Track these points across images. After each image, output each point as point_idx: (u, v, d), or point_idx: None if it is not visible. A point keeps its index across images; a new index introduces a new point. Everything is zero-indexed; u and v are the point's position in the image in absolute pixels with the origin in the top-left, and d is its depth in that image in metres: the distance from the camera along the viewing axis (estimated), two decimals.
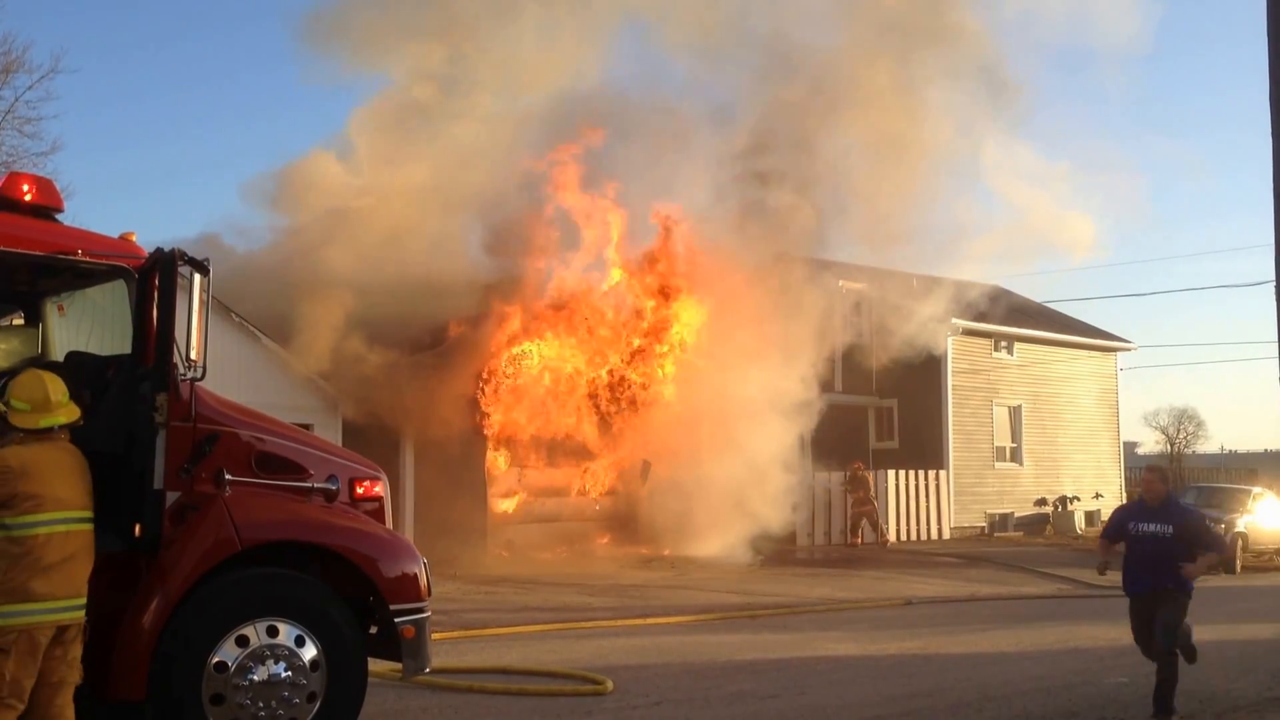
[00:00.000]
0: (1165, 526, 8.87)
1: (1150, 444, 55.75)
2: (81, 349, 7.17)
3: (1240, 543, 24.31)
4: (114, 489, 6.45)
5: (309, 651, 6.48)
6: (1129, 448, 42.69)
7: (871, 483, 26.08)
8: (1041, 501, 30.56)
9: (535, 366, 20.96)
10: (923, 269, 27.82)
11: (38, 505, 5.51)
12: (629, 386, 21.84)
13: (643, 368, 21.93)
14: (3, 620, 5.41)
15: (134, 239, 6.86)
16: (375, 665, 7.08)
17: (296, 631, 6.46)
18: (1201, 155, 64.63)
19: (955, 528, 28.49)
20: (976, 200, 37.11)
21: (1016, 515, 30.10)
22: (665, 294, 22.13)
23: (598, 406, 21.68)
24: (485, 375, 20.21)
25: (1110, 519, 9.75)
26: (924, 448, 29.01)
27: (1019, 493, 30.54)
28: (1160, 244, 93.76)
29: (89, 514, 5.78)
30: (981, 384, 30.29)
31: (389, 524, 7.48)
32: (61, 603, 5.57)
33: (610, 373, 21.79)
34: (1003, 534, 29.31)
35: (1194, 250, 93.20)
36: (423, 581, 7.09)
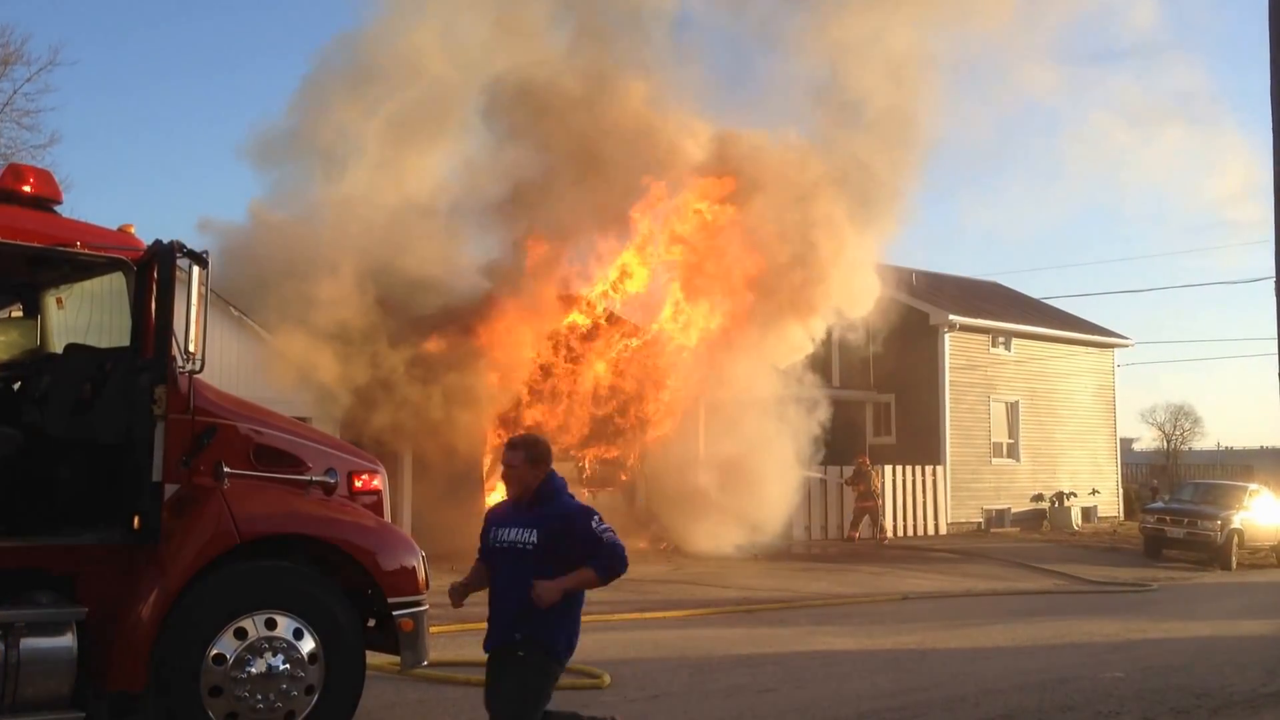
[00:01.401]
0: (529, 532, 5.67)
1: (1147, 440, 55.90)
2: (80, 341, 7.17)
3: (1236, 539, 24.39)
4: (113, 481, 6.46)
5: (307, 644, 6.49)
6: (1126, 444, 42.74)
7: (876, 479, 26.08)
8: (1038, 497, 30.59)
9: (552, 361, 20.95)
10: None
11: None
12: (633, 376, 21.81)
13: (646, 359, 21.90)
14: None
15: (132, 231, 6.86)
16: (373, 658, 7.09)
17: (295, 624, 6.47)
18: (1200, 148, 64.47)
19: (952, 523, 28.52)
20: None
21: (1013, 511, 30.14)
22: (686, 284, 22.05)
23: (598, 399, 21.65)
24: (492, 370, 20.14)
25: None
26: (921, 443, 29.04)
27: (1016, 488, 30.58)
28: (1159, 240, 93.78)
29: None
30: (979, 380, 30.32)
31: (387, 517, 7.50)
32: None
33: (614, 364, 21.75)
34: (999, 529, 29.35)
35: (1192, 246, 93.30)
36: (421, 574, 7.10)
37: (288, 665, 6.39)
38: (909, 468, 27.77)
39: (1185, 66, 45.65)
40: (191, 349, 6.21)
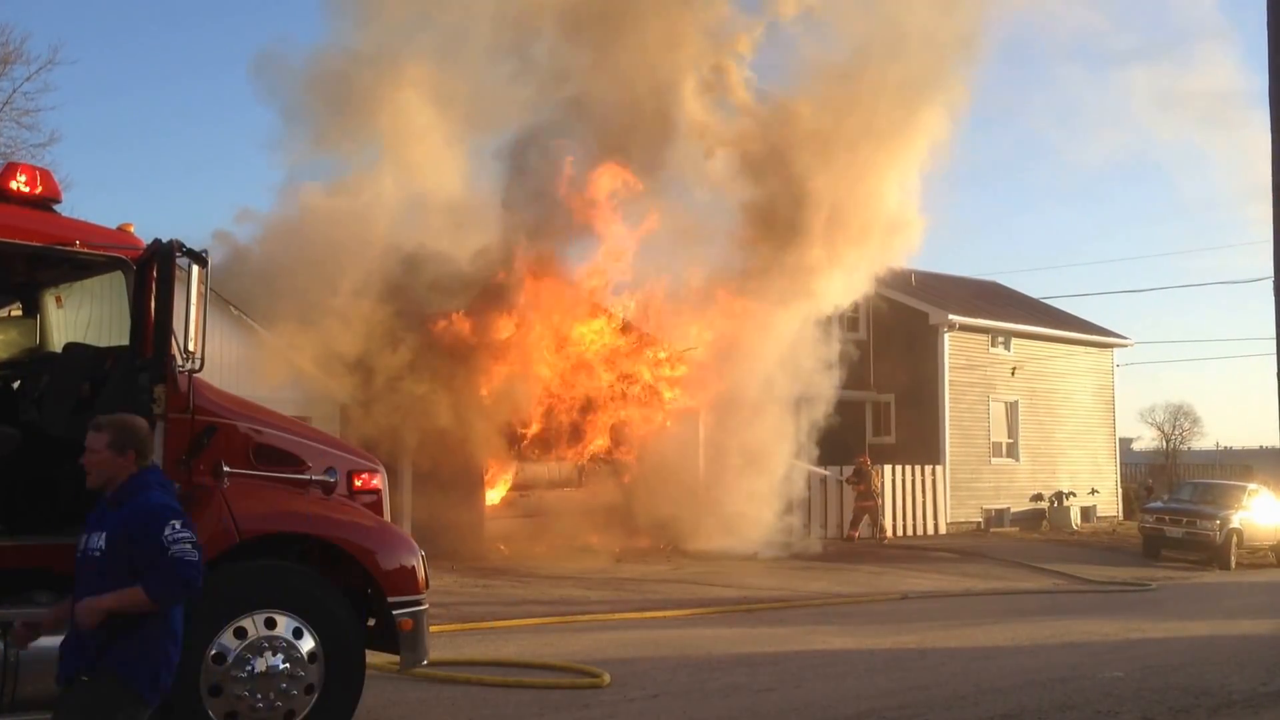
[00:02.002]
0: (99, 536, 4.69)
1: (1146, 440, 55.95)
2: (80, 340, 7.17)
3: (1235, 539, 24.41)
4: None
5: (307, 643, 6.48)
6: (1125, 444, 42.75)
7: (875, 478, 26.07)
8: (1038, 497, 30.60)
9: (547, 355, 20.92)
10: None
11: None
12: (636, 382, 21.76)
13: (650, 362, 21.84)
14: None
15: (132, 230, 6.86)
16: (373, 657, 7.09)
17: (294, 624, 6.46)
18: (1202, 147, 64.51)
19: (951, 523, 28.52)
20: None
21: (1012, 510, 30.14)
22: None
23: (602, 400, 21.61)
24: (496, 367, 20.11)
25: None
26: (921, 443, 29.04)
27: (1015, 488, 30.59)
28: (1158, 239, 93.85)
29: None
30: (978, 380, 30.33)
31: (387, 516, 7.49)
32: None
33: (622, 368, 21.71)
34: (999, 529, 29.36)
35: (1192, 246, 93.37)
36: (420, 574, 7.10)
37: (287, 664, 6.38)
38: (909, 467, 27.76)
39: (1211, 62, 45.38)
40: (191, 348, 6.20)
